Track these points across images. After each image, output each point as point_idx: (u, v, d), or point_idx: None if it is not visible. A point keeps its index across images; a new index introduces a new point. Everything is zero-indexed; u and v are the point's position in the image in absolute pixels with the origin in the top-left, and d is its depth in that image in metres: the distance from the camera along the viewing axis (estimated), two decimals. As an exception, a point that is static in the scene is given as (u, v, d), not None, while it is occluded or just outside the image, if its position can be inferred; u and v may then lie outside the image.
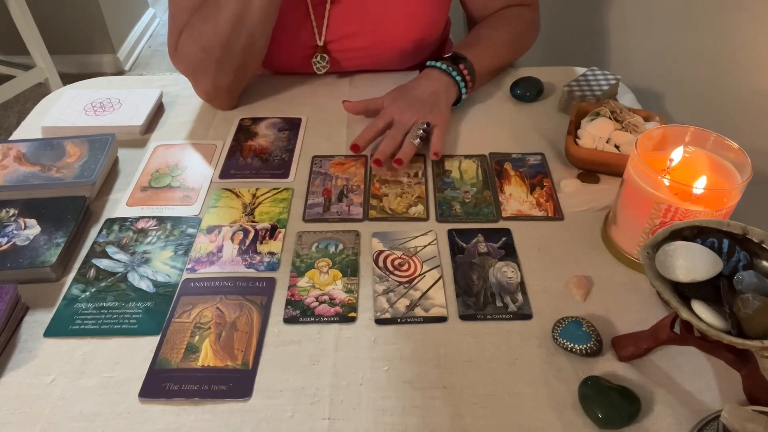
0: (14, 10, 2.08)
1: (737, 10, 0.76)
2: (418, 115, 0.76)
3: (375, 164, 0.72)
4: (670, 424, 0.47)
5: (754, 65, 0.72)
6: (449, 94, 0.80)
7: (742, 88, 0.75)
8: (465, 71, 0.80)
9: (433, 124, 0.75)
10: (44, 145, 0.74)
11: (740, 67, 0.75)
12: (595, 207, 0.68)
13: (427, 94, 0.78)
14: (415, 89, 0.79)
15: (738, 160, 0.56)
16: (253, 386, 0.51)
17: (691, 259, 0.46)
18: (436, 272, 0.60)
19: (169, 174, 0.74)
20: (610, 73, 0.86)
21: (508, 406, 0.49)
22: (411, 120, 0.75)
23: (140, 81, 0.96)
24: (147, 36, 3.03)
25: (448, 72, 0.80)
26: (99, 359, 0.53)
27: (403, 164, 0.72)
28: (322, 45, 0.87)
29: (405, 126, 0.75)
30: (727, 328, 0.43)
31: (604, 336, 0.53)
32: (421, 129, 0.74)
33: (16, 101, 2.37)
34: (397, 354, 0.53)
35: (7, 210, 0.65)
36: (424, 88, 0.79)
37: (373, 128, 0.75)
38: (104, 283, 0.60)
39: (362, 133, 0.75)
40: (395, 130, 0.75)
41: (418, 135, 0.74)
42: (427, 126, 0.75)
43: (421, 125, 0.74)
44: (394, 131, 0.75)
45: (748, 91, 0.74)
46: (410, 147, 0.73)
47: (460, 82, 0.80)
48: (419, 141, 0.73)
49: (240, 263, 0.62)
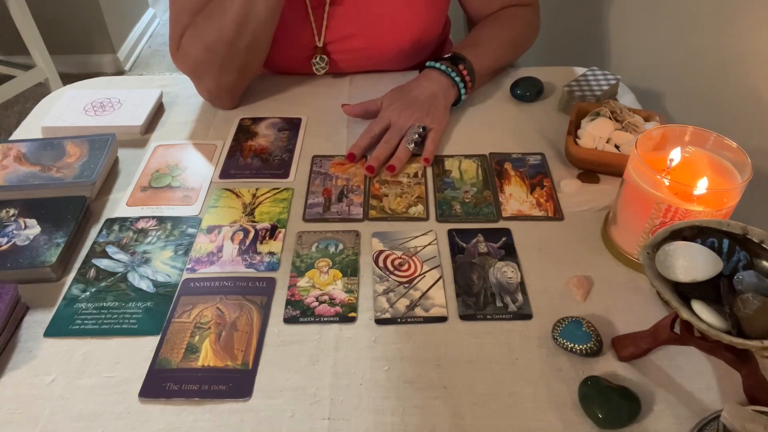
0: (14, 10, 2.08)
1: (737, 10, 0.76)
2: (415, 117, 0.76)
3: (368, 171, 0.72)
4: (670, 424, 0.47)
5: (754, 65, 0.72)
6: (448, 95, 0.80)
7: (742, 88, 0.75)
8: (464, 72, 0.80)
9: (429, 127, 0.75)
10: (44, 145, 0.74)
11: (740, 67, 0.75)
12: (595, 207, 0.68)
13: (426, 95, 0.78)
14: (414, 90, 0.79)
15: (738, 160, 0.56)
16: (253, 386, 0.51)
17: (691, 259, 0.46)
18: (436, 272, 0.60)
19: (169, 174, 0.74)
20: (610, 73, 0.86)
21: (508, 406, 0.49)
22: (407, 123, 0.75)
23: (140, 81, 0.96)
24: (147, 36, 3.03)
25: (447, 73, 0.80)
26: (99, 359, 0.53)
27: (396, 171, 0.72)
28: (322, 46, 0.87)
29: (401, 129, 0.75)
30: (727, 328, 0.43)
31: (604, 336, 0.53)
32: (416, 133, 0.74)
33: (16, 101, 2.37)
34: (397, 354, 0.53)
35: (7, 210, 0.66)
36: (423, 90, 0.79)
37: (369, 134, 0.76)
38: (104, 283, 0.60)
39: (358, 140, 0.75)
40: (391, 134, 0.75)
41: (413, 140, 0.74)
42: (423, 130, 0.75)
43: (417, 129, 0.74)
44: (390, 135, 0.75)
45: (748, 91, 0.74)
46: (404, 152, 0.73)
47: (460, 83, 0.80)
48: (414, 146, 0.74)
49: (240, 263, 0.62)
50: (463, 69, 0.80)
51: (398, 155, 0.73)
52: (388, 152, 0.74)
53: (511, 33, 0.90)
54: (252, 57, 0.80)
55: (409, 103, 0.77)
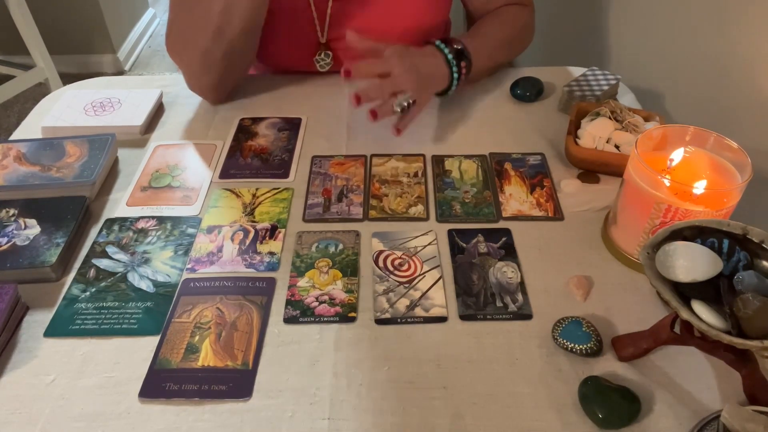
0: (14, 10, 2.08)
1: (738, 10, 0.76)
2: (413, 86, 0.74)
3: (345, 75, 0.71)
4: (670, 424, 0.47)
5: (754, 65, 0.72)
6: (441, 84, 0.79)
7: (742, 87, 0.75)
8: (464, 71, 0.80)
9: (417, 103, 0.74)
10: (44, 145, 0.74)
11: (741, 66, 0.75)
12: (595, 207, 0.68)
13: (427, 72, 0.77)
14: (422, 60, 0.77)
15: (738, 160, 0.56)
16: (253, 386, 0.51)
17: (691, 259, 0.46)
18: (436, 272, 0.60)
19: (169, 174, 0.74)
20: (610, 73, 0.86)
21: (508, 406, 0.49)
22: (405, 86, 0.74)
23: (140, 81, 0.96)
24: (147, 36, 3.03)
25: (450, 65, 0.79)
26: (99, 359, 0.53)
27: (377, 120, 0.71)
28: (325, 42, 0.87)
29: (397, 87, 0.73)
30: (727, 328, 0.43)
31: (604, 336, 0.53)
32: (406, 102, 0.73)
33: (16, 101, 2.37)
34: (397, 354, 0.53)
35: (7, 210, 0.65)
36: (428, 65, 0.78)
37: (373, 68, 0.74)
38: (104, 283, 0.60)
39: (362, 65, 0.73)
40: (387, 84, 0.73)
41: (402, 105, 0.72)
42: (412, 103, 0.73)
43: (408, 98, 0.73)
44: (386, 85, 0.73)
45: (748, 91, 0.74)
46: (390, 110, 0.72)
47: (455, 80, 0.80)
48: (399, 111, 0.73)
49: (240, 263, 0.62)
50: (463, 67, 0.80)
51: (385, 108, 0.72)
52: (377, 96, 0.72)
53: (511, 32, 0.90)
54: (232, 63, 0.80)
55: (414, 68, 0.75)
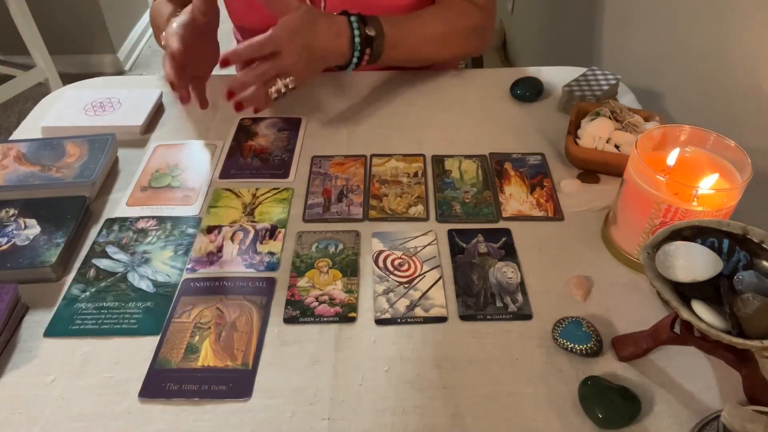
0: (14, 10, 2.08)
1: (738, 10, 0.76)
2: (300, 69, 0.72)
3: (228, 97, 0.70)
4: (670, 424, 0.47)
5: (754, 65, 0.72)
6: (335, 62, 0.77)
7: (742, 87, 0.75)
8: (366, 57, 0.77)
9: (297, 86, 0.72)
10: (44, 145, 0.74)
11: (741, 66, 0.75)
12: (595, 207, 0.68)
13: (323, 50, 0.74)
14: (319, 37, 0.73)
15: (738, 160, 0.56)
16: (253, 386, 0.51)
17: (691, 259, 0.46)
18: (436, 272, 0.60)
19: (169, 174, 0.74)
20: (610, 73, 0.86)
21: (508, 406, 0.49)
22: (291, 69, 0.71)
23: (140, 81, 0.96)
24: (147, 36, 3.03)
25: (353, 48, 0.76)
26: (99, 359, 0.53)
27: (242, 110, 0.70)
28: None
29: (281, 69, 0.71)
30: (727, 328, 0.43)
31: (604, 336, 0.53)
32: (285, 88, 0.71)
33: (16, 101, 2.37)
34: (397, 354, 0.53)
35: (7, 210, 0.66)
36: (326, 41, 0.74)
37: (256, 50, 0.70)
38: (104, 283, 0.60)
39: (242, 48, 0.70)
40: (269, 67, 0.70)
41: (280, 91, 0.71)
42: (291, 88, 0.72)
43: (290, 83, 0.71)
44: (267, 68, 0.70)
45: (748, 91, 0.74)
46: (265, 98, 0.71)
47: (352, 64, 0.77)
48: (277, 97, 0.71)
49: (240, 263, 0.62)
50: (368, 53, 0.77)
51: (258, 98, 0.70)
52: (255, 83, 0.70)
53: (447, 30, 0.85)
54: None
55: (305, 48, 0.71)
